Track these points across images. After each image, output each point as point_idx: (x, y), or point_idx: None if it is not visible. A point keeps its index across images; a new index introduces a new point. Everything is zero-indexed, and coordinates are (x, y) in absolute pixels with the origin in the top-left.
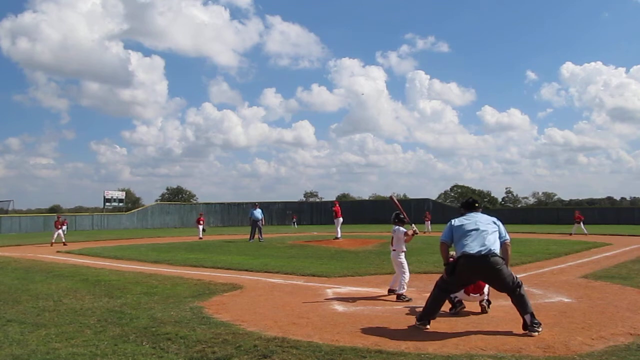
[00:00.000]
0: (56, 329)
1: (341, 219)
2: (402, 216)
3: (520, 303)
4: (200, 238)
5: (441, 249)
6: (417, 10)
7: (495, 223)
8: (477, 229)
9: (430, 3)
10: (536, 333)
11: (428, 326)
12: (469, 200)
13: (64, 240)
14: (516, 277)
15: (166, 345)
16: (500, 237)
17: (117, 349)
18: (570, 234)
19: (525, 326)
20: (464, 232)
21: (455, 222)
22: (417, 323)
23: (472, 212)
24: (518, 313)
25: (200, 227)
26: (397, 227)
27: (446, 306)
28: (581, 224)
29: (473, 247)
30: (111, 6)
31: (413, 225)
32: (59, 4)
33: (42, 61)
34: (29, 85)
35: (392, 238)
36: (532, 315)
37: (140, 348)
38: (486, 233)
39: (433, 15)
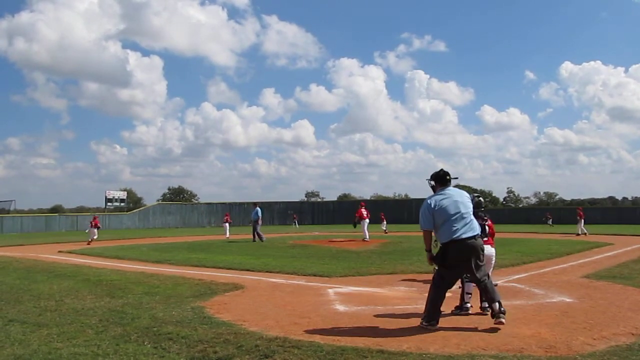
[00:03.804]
0: (58, 329)
1: (366, 221)
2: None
3: (491, 291)
4: (227, 237)
5: (425, 237)
6: (413, 8)
7: (469, 199)
8: (459, 212)
9: (425, 1)
10: (503, 321)
11: (436, 326)
12: (439, 173)
13: (90, 239)
14: None
15: (168, 345)
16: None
17: (118, 348)
18: (578, 234)
19: (493, 315)
20: (447, 216)
21: (432, 203)
22: (424, 323)
23: (445, 187)
24: (517, 313)
25: (227, 226)
26: None
27: (447, 307)
28: (582, 222)
29: (464, 232)
30: (107, 6)
31: None
32: (55, 3)
33: (40, 61)
34: (28, 85)
35: None
36: (500, 303)
37: (141, 348)
38: (468, 214)
39: (429, 14)
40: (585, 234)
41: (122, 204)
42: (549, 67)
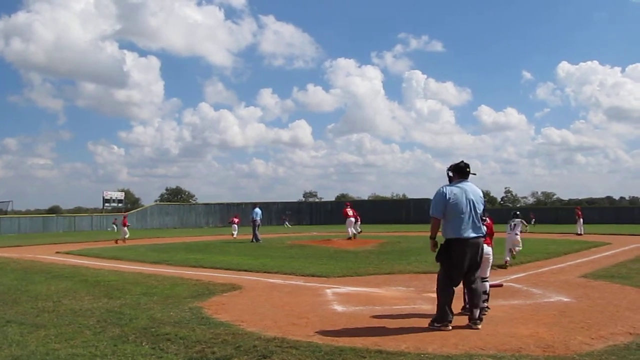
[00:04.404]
0: (55, 330)
1: (351, 220)
2: None
3: (478, 296)
4: (234, 236)
5: (433, 224)
6: (409, 8)
7: (482, 199)
8: (470, 210)
9: (422, 2)
10: (479, 327)
11: (450, 327)
12: (459, 164)
13: (123, 238)
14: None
15: (165, 346)
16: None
17: (116, 349)
18: (578, 234)
19: (471, 319)
20: (459, 212)
21: (448, 193)
22: (437, 324)
23: (463, 179)
24: (515, 312)
25: (236, 226)
26: None
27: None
28: (580, 221)
29: (469, 232)
30: (104, 6)
31: None
32: (51, 3)
33: (36, 61)
34: (24, 85)
35: None
36: (481, 311)
37: (139, 348)
38: (478, 214)
39: (426, 14)
40: (580, 234)
41: (120, 205)
42: (546, 67)
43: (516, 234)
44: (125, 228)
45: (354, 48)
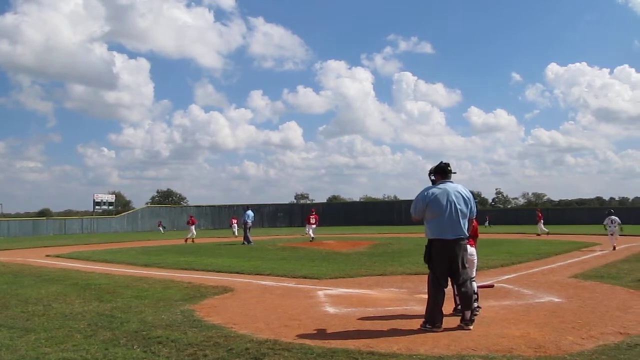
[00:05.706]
0: (46, 334)
1: (312, 225)
2: None
3: (469, 298)
4: (235, 235)
5: (415, 221)
6: (398, 10)
7: (468, 200)
8: (450, 210)
9: (411, 3)
10: (470, 328)
11: (441, 328)
12: (440, 165)
13: (191, 237)
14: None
15: (157, 349)
16: (470, 213)
17: (107, 353)
18: (539, 234)
19: (463, 320)
20: (438, 212)
21: (428, 194)
22: (428, 326)
23: (445, 179)
24: (506, 313)
25: (235, 226)
26: None
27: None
28: (541, 222)
29: (447, 233)
30: (92, 7)
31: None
32: (40, 5)
33: (25, 63)
34: (13, 87)
35: None
36: (472, 312)
37: (131, 352)
38: (462, 216)
39: (414, 15)
40: (547, 233)
41: (111, 207)
42: (535, 68)
43: (615, 227)
44: (192, 227)
45: (344, 50)
